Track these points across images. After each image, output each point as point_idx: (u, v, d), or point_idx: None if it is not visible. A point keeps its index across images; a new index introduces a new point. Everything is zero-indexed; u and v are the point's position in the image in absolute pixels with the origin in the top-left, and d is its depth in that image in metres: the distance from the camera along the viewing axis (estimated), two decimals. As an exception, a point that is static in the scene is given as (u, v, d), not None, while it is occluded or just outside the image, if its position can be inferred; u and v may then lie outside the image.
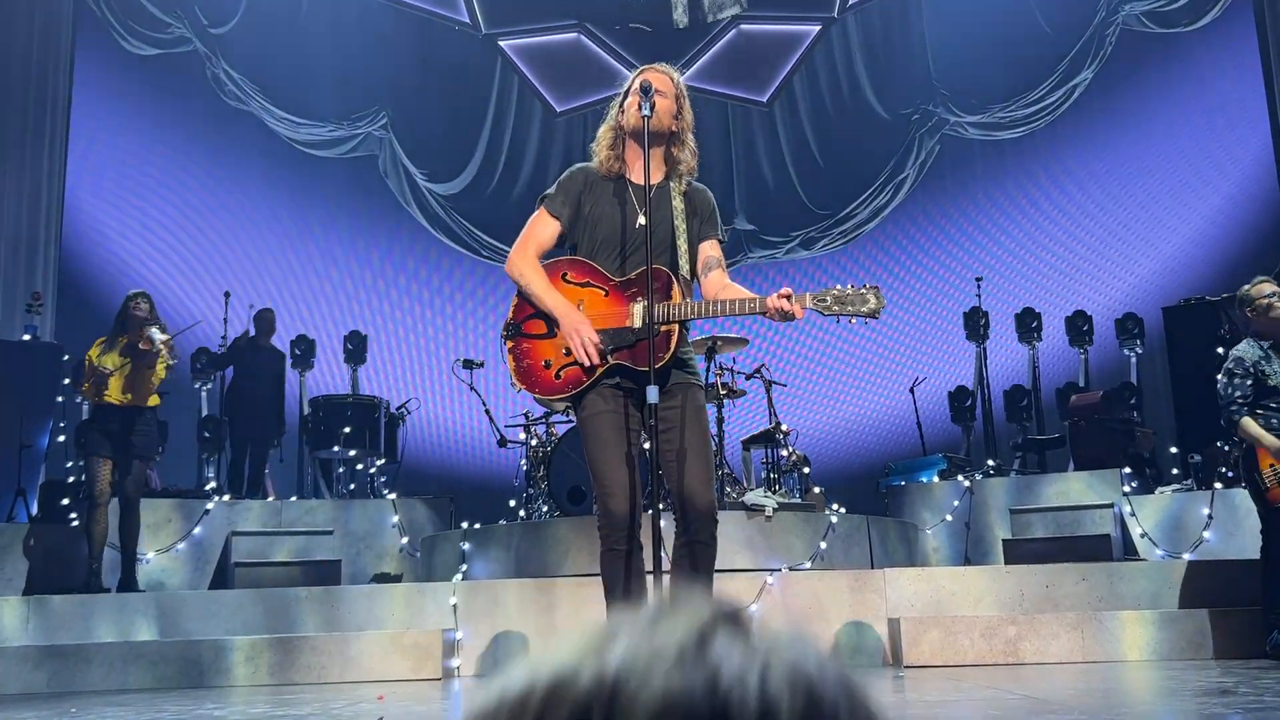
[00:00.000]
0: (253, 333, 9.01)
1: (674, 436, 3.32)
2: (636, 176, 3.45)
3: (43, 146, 10.49)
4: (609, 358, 3.31)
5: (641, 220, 3.33)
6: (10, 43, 10.44)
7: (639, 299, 3.31)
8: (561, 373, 3.36)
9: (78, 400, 9.20)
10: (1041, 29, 11.93)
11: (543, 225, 3.50)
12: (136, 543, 6.82)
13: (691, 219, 3.47)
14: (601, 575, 3.35)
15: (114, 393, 6.68)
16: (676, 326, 3.31)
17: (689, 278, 3.44)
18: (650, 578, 3.23)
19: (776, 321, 3.24)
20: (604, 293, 3.38)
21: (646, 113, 3.33)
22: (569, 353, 3.34)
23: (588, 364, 3.30)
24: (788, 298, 3.18)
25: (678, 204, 3.45)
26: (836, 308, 3.20)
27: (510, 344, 3.42)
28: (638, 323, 3.30)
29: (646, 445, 3.32)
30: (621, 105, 3.50)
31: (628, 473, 3.29)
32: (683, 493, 3.30)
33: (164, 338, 6.65)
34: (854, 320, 3.22)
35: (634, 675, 0.47)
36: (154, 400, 6.81)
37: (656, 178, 3.45)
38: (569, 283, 3.41)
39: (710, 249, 3.51)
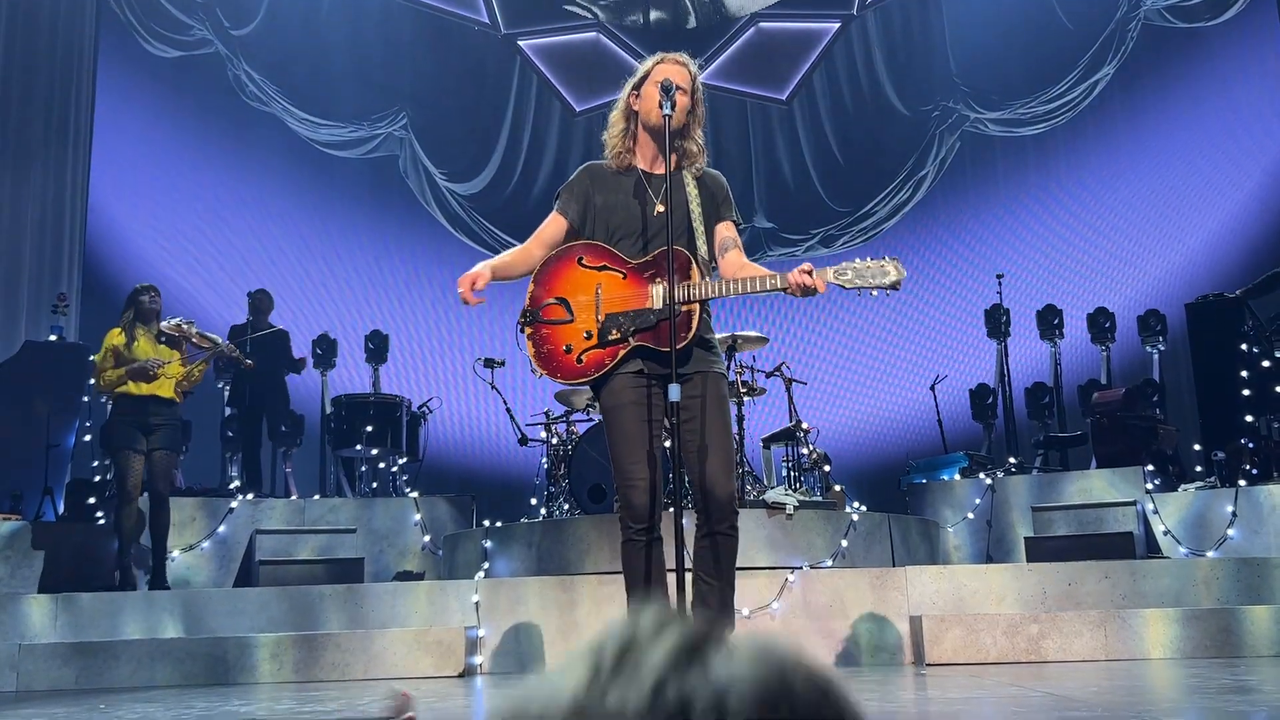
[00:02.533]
0: (250, 317, 8.97)
1: (695, 428, 3.32)
2: (649, 167, 3.48)
3: (67, 149, 10.60)
4: (631, 339, 3.31)
5: (659, 209, 3.34)
6: (34, 46, 10.54)
7: (658, 280, 3.31)
8: (583, 357, 3.35)
9: (102, 400, 9.29)
10: (1063, 24, 11.87)
11: (549, 222, 3.55)
12: (166, 540, 6.81)
13: (707, 203, 3.48)
14: (622, 566, 3.36)
15: (132, 384, 6.62)
16: (697, 306, 3.31)
17: (708, 260, 3.45)
18: (672, 575, 3.22)
19: (797, 297, 3.22)
20: (622, 275, 3.37)
21: (668, 111, 3.33)
22: (589, 336, 3.34)
23: (461, 294, 3.44)
24: (809, 273, 3.20)
25: (691, 190, 3.46)
26: (858, 281, 3.21)
27: (529, 331, 3.42)
28: (658, 304, 3.29)
29: (668, 444, 3.32)
30: (638, 91, 3.50)
31: (649, 465, 3.29)
32: (703, 484, 3.30)
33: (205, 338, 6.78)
34: (875, 293, 3.21)
35: (611, 713, 0.47)
36: (174, 394, 6.77)
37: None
38: (585, 266, 3.40)
39: (726, 229, 3.52)
